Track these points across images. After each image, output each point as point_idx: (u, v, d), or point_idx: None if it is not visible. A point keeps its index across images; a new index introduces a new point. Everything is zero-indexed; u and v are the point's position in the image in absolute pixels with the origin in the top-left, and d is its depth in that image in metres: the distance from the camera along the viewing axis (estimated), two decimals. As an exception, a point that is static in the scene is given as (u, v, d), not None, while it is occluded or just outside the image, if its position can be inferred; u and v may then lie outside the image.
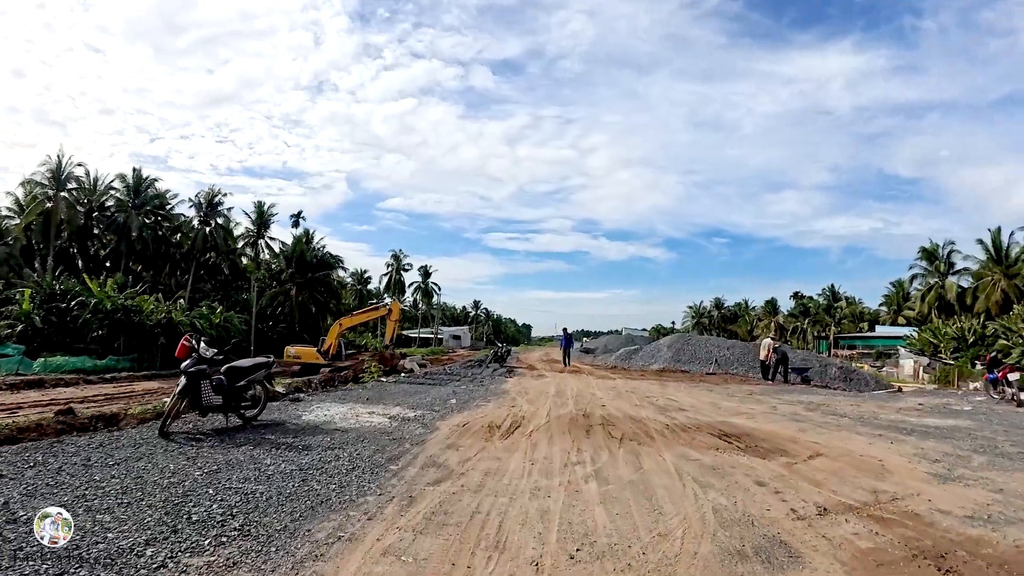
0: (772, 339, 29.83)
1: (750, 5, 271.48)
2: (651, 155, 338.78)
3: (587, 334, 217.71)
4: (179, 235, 68.55)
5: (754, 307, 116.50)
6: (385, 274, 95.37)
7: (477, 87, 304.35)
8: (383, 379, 24.67)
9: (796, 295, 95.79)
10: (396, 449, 9.47)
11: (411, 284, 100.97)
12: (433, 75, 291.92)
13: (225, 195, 68.82)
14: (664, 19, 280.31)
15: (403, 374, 27.90)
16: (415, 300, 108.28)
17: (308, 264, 67.58)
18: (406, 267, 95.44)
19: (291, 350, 33.11)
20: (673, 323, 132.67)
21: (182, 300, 56.39)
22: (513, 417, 13.49)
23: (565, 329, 34.96)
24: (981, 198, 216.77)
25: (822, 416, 15.39)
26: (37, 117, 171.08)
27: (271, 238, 71.30)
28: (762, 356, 28.65)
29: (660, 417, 14.14)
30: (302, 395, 17.03)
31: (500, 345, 34.52)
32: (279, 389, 17.55)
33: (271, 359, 12.69)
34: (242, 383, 11.49)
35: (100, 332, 39.92)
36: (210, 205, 68.43)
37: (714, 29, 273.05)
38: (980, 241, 72.26)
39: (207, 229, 68.31)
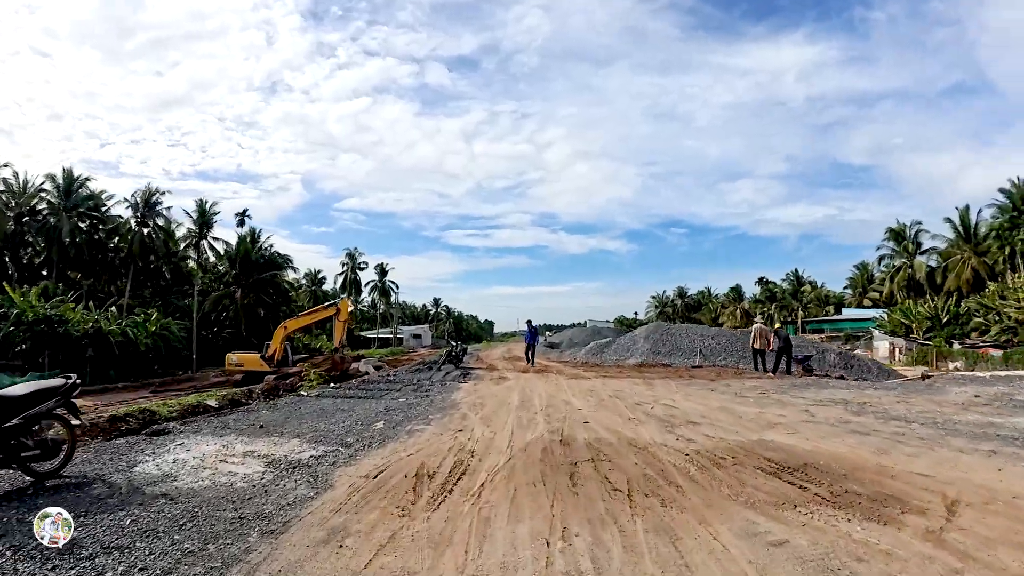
0: (763, 323, 25.56)
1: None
2: (609, 147, 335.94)
3: (550, 328, 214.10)
4: (115, 239, 62.85)
5: (717, 295, 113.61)
6: (340, 274, 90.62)
7: (432, 84, 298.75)
8: (328, 386, 21.89)
9: (761, 280, 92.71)
10: (218, 555, 4.88)
11: (368, 283, 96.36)
12: (388, 73, 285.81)
13: (163, 194, 63.17)
14: (621, 13, 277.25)
15: (355, 379, 25.22)
16: (373, 300, 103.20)
17: (254, 264, 62.47)
18: (361, 266, 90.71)
19: (232, 357, 30.82)
20: (636, 314, 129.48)
21: (113, 308, 51.04)
22: (458, 453, 8.95)
23: (529, 322, 30.73)
24: (932, 184, 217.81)
25: (879, 422, 11.26)
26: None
27: (215, 238, 66.16)
28: (756, 344, 24.43)
29: (670, 438, 9.75)
30: (172, 424, 12.23)
31: (454, 343, 29.42)
32: (211, 403, 15.78)
33: (72, 380, 7.95)
34: (15, 422, 6.95)
35: (23, 346, 36.51)
36: (147, 205, 62.79)
37: (670, 22, 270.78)
38: (948, 220, 69.80)
39: (145, 231, 62.63)
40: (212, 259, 66.95)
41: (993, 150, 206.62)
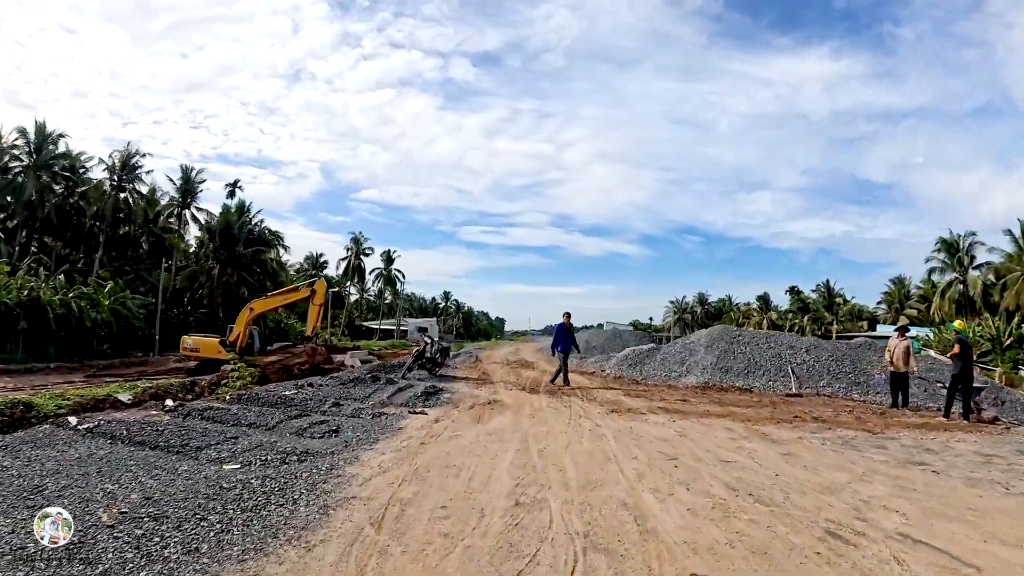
0: (901, 337, 15.61)
1: (731, 6, 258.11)
2: (628, 151, 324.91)
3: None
4: (84, 203, 53.55)
5: (738, 303, 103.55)
6: (343, 259, 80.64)
7: (456, 79, 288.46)
8: (252, 390, 15.07)
9: (793, 290, 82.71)
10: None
11: (372, 270, 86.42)
12: (412, 66, 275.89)
13: (144, 156, 53.67)
14: (647, 16, 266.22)
15: (344, 369, 22.84)
16: (380, 289, 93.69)
17: (235, 239, 52.87)
18: (367, 251, 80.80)
19: (188, 340, 27.00)
20: (651, 319, 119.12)
21: (61, 277, 41.79)
22: None
23: (567, 317, 18.78)
24: (953, 204, 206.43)
25: None
26: (8, 98, 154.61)
27: (199, 208, 56.24)
28: (900, 365, 14.63)
29: None
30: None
31: (428, 340, 18.86)
32: (123, 398, 13.35)
33: None
34: None
35: (-58, 315, 28.64)
36: (125, 168, 53.27)
37: (695, 28, 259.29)
38: (1008, 232, 59.67)
39: (121, 196, 53.18)
40: (197, 234, 57.49)
41: (1016, 173, 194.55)
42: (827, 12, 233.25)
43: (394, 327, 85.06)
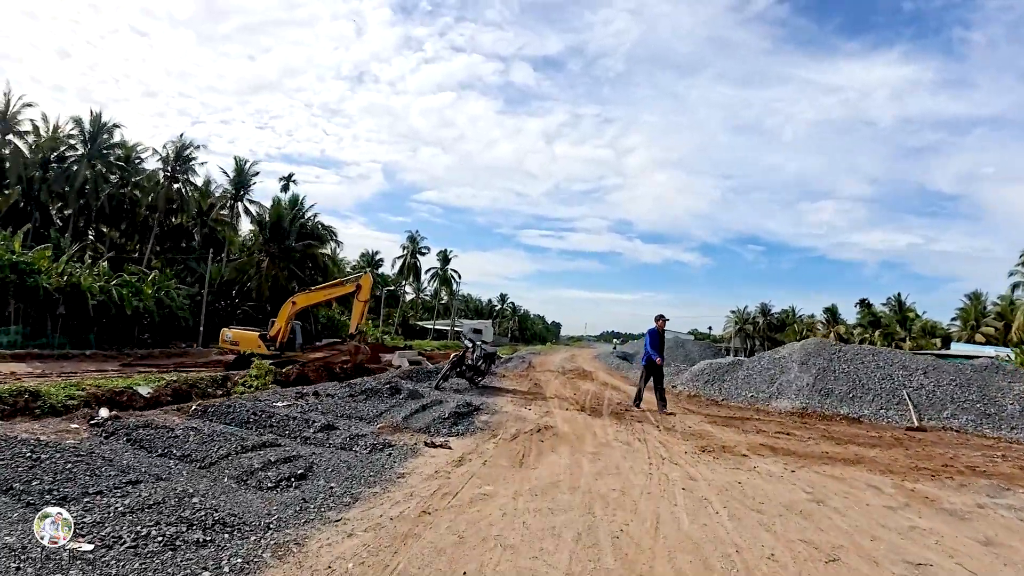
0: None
1: (796, 10, 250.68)
2: (688, 158, 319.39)
3: (616, 335, 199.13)
4: (139, 193, 52.05)
5: (801, 315, 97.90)
6: (399, 257, 78.18)
7: (517, 83, 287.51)
8: (271, 390, 14.69)
9: (863, 302, 76.98)
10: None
11: (428, 270, 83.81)
12: (473, 69, 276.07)
13: (198, 148, 51.92)
14: (708, 21, 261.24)
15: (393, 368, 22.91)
16: (436, 289, 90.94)
17: (285, 232, 50.64)
18: (423, 250, 78.15)
19: (228, 333, 25.18)
20: (710, 328, 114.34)
21: (104, 263, 40.02)
22: None
23: (662, 320, 14.69)
24: (1022, 217, 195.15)
25: None
26: (81, 96, 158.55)
27: (251, 201, 54.20)
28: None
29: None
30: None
31: (471, 344, 15.58)
32: (143, 391, 11.96)
33: None
34: None
35: (-15, 297, 29.47)
36: (179, 159, 51.56)
37: (759, 33, 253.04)
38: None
39: (175, 187, 51.48)
40: (251, 227, 55.54)
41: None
42: (895, 16, 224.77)
43: (448, 327, 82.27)
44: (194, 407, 9.30)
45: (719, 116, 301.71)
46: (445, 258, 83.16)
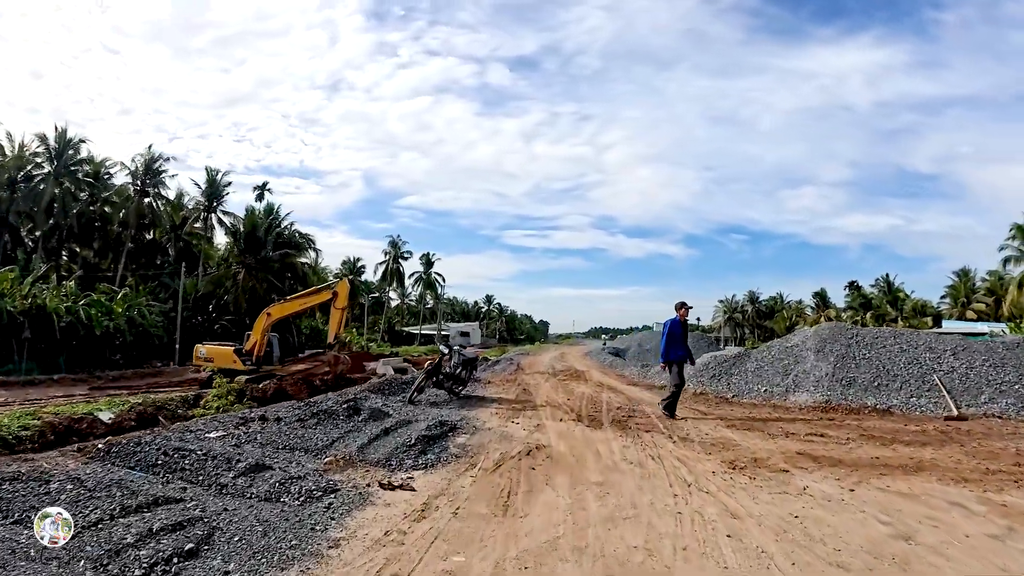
0: None
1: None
2: (668, 151, 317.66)
3: (605, 331, 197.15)
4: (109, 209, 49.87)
5: (789, 301, 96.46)
6: (381, 263, 75.94)
7: (493, 84, 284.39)
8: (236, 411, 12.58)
9: (852, 284, 75.56)
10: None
11: (412, 274, 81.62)
12: (449, 73, 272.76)
13: (168, 159, 49.82)
14: (683, 14, 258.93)
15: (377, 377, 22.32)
16: (422, 294, 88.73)
17: (261, 242, 48.60)
18: (405, 255, 75.92)
19: (201, 349, 23.97)
20: (699, 319, 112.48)
21: (71, 283, 38.12)
22: None
23: (684, 308, 12.10)
24: (1003, 195, 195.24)
25: None
26: (56, 117, 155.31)
27: (225, 212, 52.01)
28: None
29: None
30: None
31: (448, 349, 13.78)
32: (104, 417, 12.13)
33: None
34: None
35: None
36: (149, 172, 49.46)
37: (733, 24, 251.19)
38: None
39: (146, 201, 49.39)
40: (226, 239, 53.41)
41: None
42: (868, 0, 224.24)
43: (435, 331, 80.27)
44: (99, 445, 7.38)
45: (697, 108, 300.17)
46: (428, 261, 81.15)
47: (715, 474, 6.84)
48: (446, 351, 12.80)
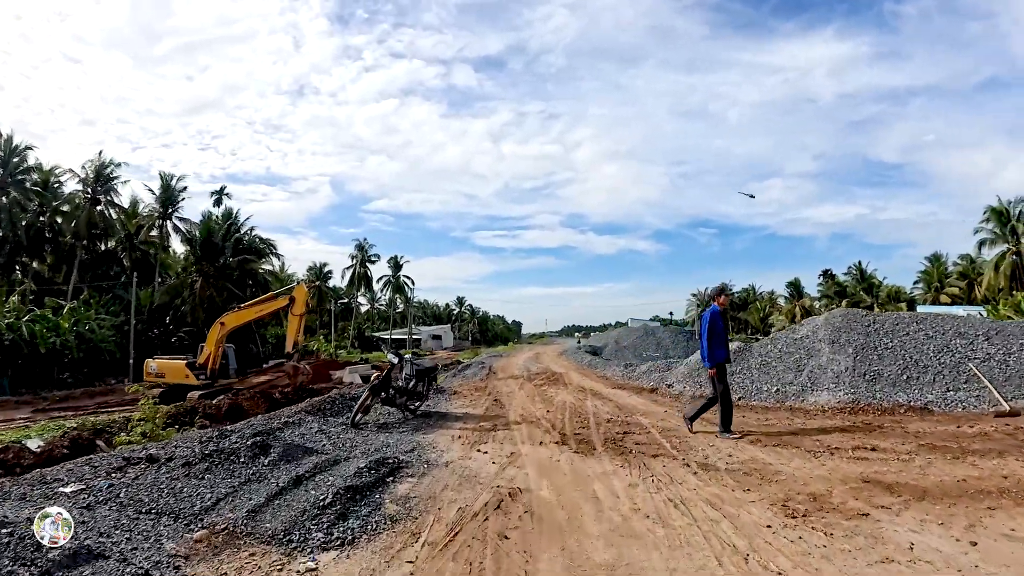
0: None
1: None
2: (637, 147, 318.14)
3: (578, 329, 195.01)
4: (60, 219, 46.76)
5: (762, 293, 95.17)
6: (348, 267, 73.04)
7: (459, 85, 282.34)
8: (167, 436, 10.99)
9: (826, 273, 74.24)
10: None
11: (380, 278, 78.78)
12: (414, 75, 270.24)
13: (119, 166, 46.77)
14: (647, 11, 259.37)
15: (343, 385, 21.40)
16: (392, 298, 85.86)
17: (219, 249, 45.80)
18: (372, 258, 73.09)
19: (152, 364, 22.70)
20: (671, 314, 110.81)
21: (14, 298, 35.35)
22: None
23: (723, 294, 9.65)
24: (967, 181, 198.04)
25: None
26: (17, 130, 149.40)
27: (181, 219, 48.97)
28: None
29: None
30: None
31: (399, 358, 11.52)
32: (32, 445, 11.26)
33: None
34: None
35: None
36: (100, 179, 46.41)
37: (697, 20, 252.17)
38: (1066, 194, 52.03)
39: (97, 209, 46.29)
40: (183, 248, 50.45)
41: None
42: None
43: (405, 336, 77.61)
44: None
45: (665, 104, 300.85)
46: (396, 264, 78.37)
47: (772, 530, 4.59)
48: (395, 360, 10.35)
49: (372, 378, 10.21)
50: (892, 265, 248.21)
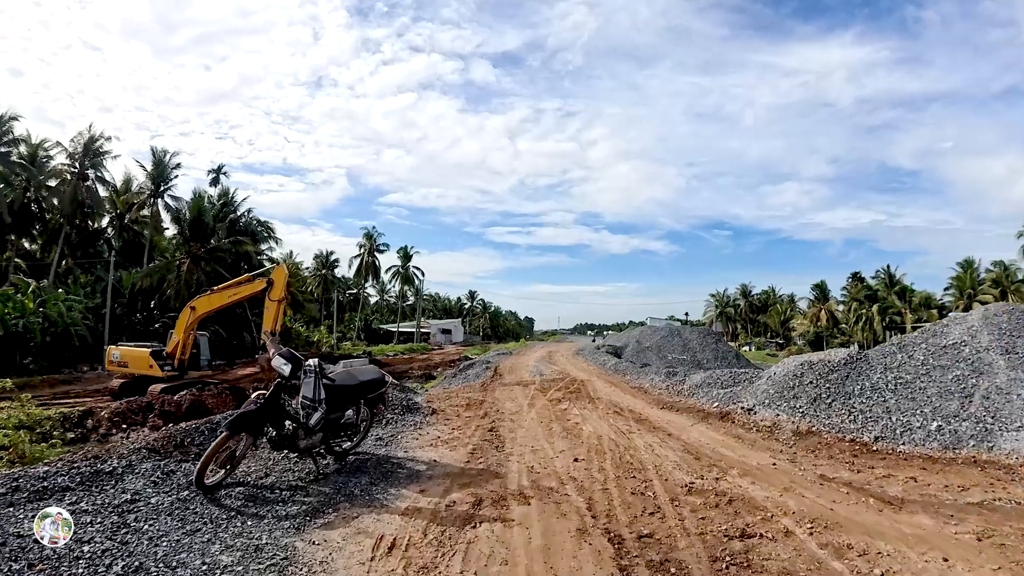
0: None
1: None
2: (651, 147, 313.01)
3: (591, 327, 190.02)
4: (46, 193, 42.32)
5: (781, 295, 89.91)
6: (356, 256, 68.20)
7: (477, 81, 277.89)
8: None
9: (855, 276, 68.94)
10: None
11: (389, 268, 73.81)
12: (433, 69, 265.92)
13: (109, 139, 42.28)
14: (665, 11, 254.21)
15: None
16: (403, 291, 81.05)
17: (210, 229, 41.37)
18: (381, 248, 68.11)
19: (115, 352, 19.88)
20: (687, 314, 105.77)
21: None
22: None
23: None
24: (982, 189, 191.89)
25: None
26: (36, 116, 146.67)
27: (174, 197, 44.36)
28: None
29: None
30: None
31: (293, 362, 7.59)
32: None
33: None
34: None
35: None
36: (88, 154, 41.98)
37: (715, 21, 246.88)
38: None
39: (84, 185, 41.83)
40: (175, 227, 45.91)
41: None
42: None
43: (413, 329, 73.06)
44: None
45: (680, 104, 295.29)
46: (406, 255, 73.27)
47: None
48: (286, 370, 5.45)
49: (253, 397, 5.37)
50: (905, 271, 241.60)
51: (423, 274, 75.20)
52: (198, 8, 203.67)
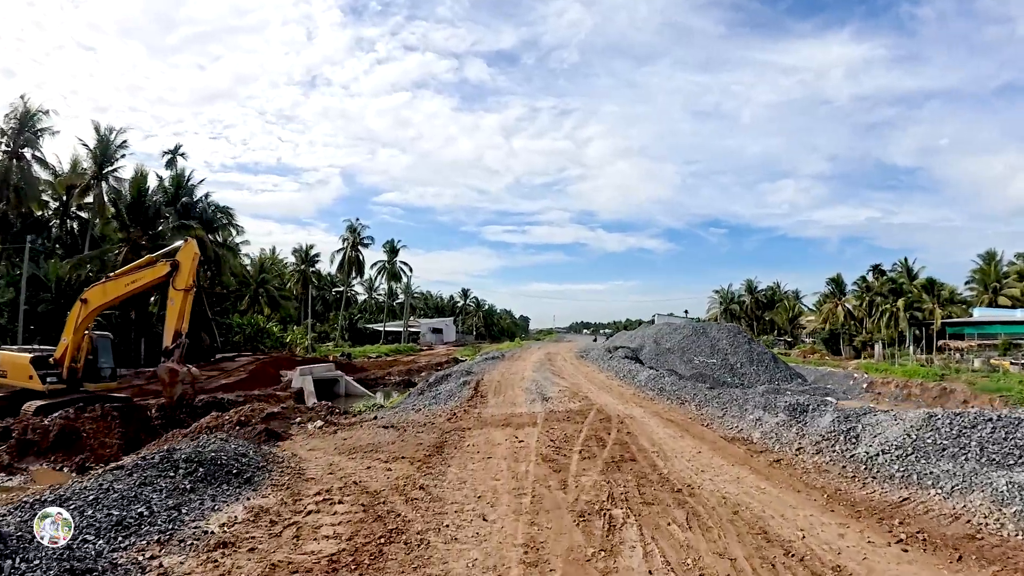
0: None
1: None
2: (649, 145, 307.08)
3: (587, 326, 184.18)
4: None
5: (787, 291, 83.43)
6: (339, 250, 61.04)
7: (472, 79, 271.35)
8: None
9: (876, 268, 62.42)
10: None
11: (374, 264, 66.72)
12: (427, 68, 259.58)
13: (46, 114, 35.31)
14: (663, 8, 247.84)
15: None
16: (389, 288, 74.08)
17: (156, 214, 34.58)
18: (365, 241, 61.18)
19: None
20: (687, 312, 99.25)
21: None
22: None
23: None
24: (980, 187, 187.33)
25: None
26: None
27: (119, 179, 37.28)
28: None
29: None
30: None
31: None
32: None
33: None
34: None
35: None
36: (24, 130, 35.06)
37: (713, 18, 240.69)
38: None
39: (15, 163, 34.85)
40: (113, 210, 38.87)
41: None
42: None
43: (401, 328, 66.29)
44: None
45: (678, 102, 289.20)
46: (392, 249, 66.25)
47: None
48: None
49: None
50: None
51: (411, 269, 68.41)
52: (193, 7, 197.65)
